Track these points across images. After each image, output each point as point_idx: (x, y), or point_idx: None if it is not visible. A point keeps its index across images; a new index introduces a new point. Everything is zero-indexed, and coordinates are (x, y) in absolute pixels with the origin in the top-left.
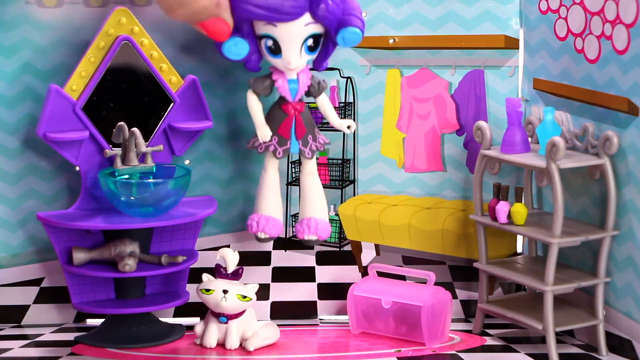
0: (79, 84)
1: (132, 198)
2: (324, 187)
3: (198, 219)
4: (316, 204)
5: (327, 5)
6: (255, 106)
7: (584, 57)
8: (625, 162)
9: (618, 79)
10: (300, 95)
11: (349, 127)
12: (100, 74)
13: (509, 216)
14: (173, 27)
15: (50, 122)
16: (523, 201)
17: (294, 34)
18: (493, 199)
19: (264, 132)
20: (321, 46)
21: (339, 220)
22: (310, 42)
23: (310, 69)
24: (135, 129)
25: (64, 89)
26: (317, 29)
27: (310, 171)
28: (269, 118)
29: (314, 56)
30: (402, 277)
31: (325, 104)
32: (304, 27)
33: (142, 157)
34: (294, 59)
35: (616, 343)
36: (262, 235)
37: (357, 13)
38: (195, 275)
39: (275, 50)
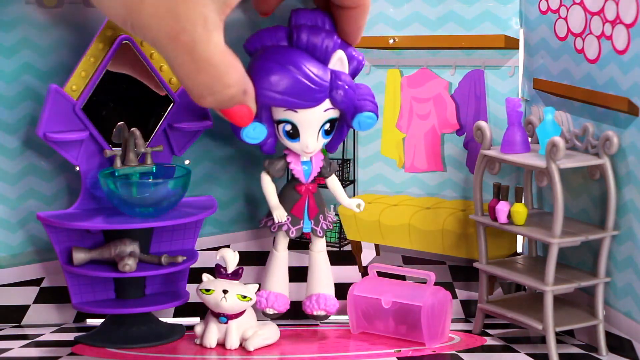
0: (79, 84)
1: (133, 198)
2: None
3: (198, 219)
4: (325, 281)
5: (345, 91)
6: (270, 188)
7: (584, 57)
8: (625, 162)
9: (618, 79)
10: (312, 177)
11: (358, 206)
12: (100, 74)
13: (509, 216)
14: None
15: (50, 122)
16: (523, 201)
17: (314, 120)
18: (493, 199)
19: (280, 213)
20: (335, 129)
21: (339, 220)
22: (327, 126)
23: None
24: (135, 129)
25: (64, 89)
26: (334, 113)
27: (320, 249)
28: (282, 198)
29: (329, 140)
30: (402, 277)
31: (335, 185)
32: (323, 112)
33: (142, 157)
34: (312, 143)
35: (616, 343)
36: (270, 311)
37: (371, 98)
38: (196, 276)
39: (294, 134)
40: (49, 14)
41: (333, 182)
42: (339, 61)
